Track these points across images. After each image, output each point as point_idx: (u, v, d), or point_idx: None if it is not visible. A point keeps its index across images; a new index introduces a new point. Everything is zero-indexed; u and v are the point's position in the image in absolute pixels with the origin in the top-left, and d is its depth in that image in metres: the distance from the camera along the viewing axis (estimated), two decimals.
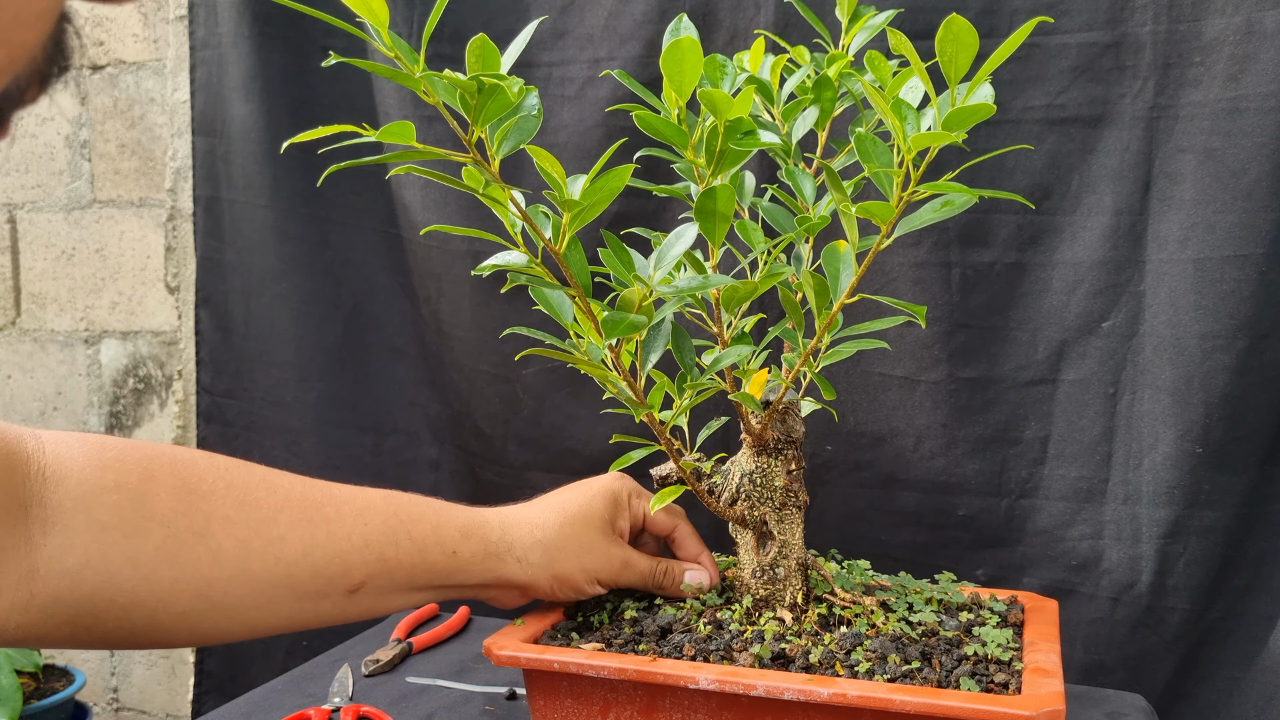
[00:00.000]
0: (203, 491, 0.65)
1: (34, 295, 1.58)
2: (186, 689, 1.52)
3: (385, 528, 0.70)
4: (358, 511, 0.70)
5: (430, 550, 0.72)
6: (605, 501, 0.78)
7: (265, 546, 0.66)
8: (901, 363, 1.03)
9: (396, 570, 0.71)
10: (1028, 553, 1.02)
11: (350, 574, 0.69)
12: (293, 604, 0.67)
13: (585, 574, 0.76)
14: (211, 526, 0.64)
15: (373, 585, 0.70)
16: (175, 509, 0.63)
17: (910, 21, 0.94)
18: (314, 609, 0.69)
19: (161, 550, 0.62)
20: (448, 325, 1.20)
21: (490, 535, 0.74)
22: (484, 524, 0.75)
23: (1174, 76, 0.93)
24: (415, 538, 0.71)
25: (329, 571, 0.68)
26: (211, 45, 1.29)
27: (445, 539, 0.72)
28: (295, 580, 0.67)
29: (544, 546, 0.75)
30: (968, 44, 0.56)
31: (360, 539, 0.69)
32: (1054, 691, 0.62)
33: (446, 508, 0.74)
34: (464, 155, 0.60)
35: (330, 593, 0.69)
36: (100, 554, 0.60)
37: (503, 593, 0.76)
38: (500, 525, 0.75)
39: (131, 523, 0.61)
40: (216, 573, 0.64)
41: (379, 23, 0.55)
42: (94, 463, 0.62)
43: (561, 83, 1.11)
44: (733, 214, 0.65)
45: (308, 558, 0.67)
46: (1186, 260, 0.93)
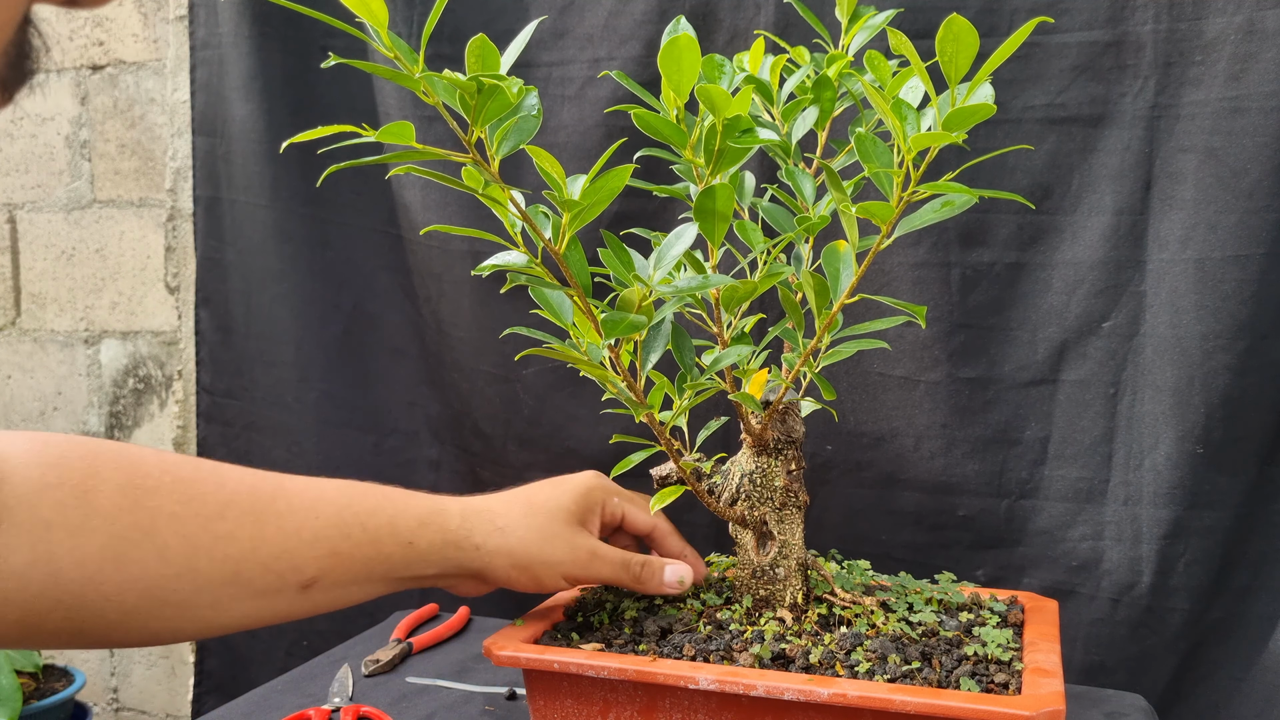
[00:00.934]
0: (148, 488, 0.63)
1: (34, 295, 1.58)
2: (186, 689, 1.52)
3: (338, 520, 0.69)
4: (309, 504, 0.68)
5: (385, 542, 0.70)
6: (574, 496, 0.77)
7: (213, 543, 0.64)
8: (901, 363, 1.03)
9: (351, 564, 0.69)
10: (1028, 553, 1.02)
11: (302, 570, 0.67)
12: (245, 601, 0.66)
13: (545, 566, 0.74)
14: (157, 523, 0.63)
15: (326, 580, 0.68)
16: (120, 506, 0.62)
17: (910, 21, 0.94)
18: (268, 605, 0.67)
19: (106, 548, 0.61)
20: (448, 325, 1.20)
21: (449, 524, 0.73)
22: (442, 512, 0.73)
23: (1175, 76, 0.93)
24: (369, 529, 0.70)
25: (279, 567, 0.66)
26: (211, 45, 1.29)
27: (401, 530, 0.71)
28: (245, 577, 0.65)
29: (503, 534, 0.73)
30: (968, 44, 0.56)
31: (311, 533, 0.68)
32: (1054, 691, 0.62)
33: (404, 497, 0.73)
34: (464, 155, 0.60)
35: (283, 589, 0.67)
36: (46, 553, 0.59)
37: (460, 581, 0.75)
38: (460, 513, 0.74)
39: (76, 520, 0.60)
40: (163, 570, 0.62)
41: (378, 23, 0.55)
42: (37, 460, 0.60)
43: (561, 83, 1.11)
44: (732, 213, 0.65)
45: (256, 554, 0.65)
46: (1187, 260, 0.93)
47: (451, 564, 0.72)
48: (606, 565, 0.75)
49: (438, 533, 0.72)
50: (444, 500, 0.74)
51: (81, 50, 1.51)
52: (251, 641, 1.36)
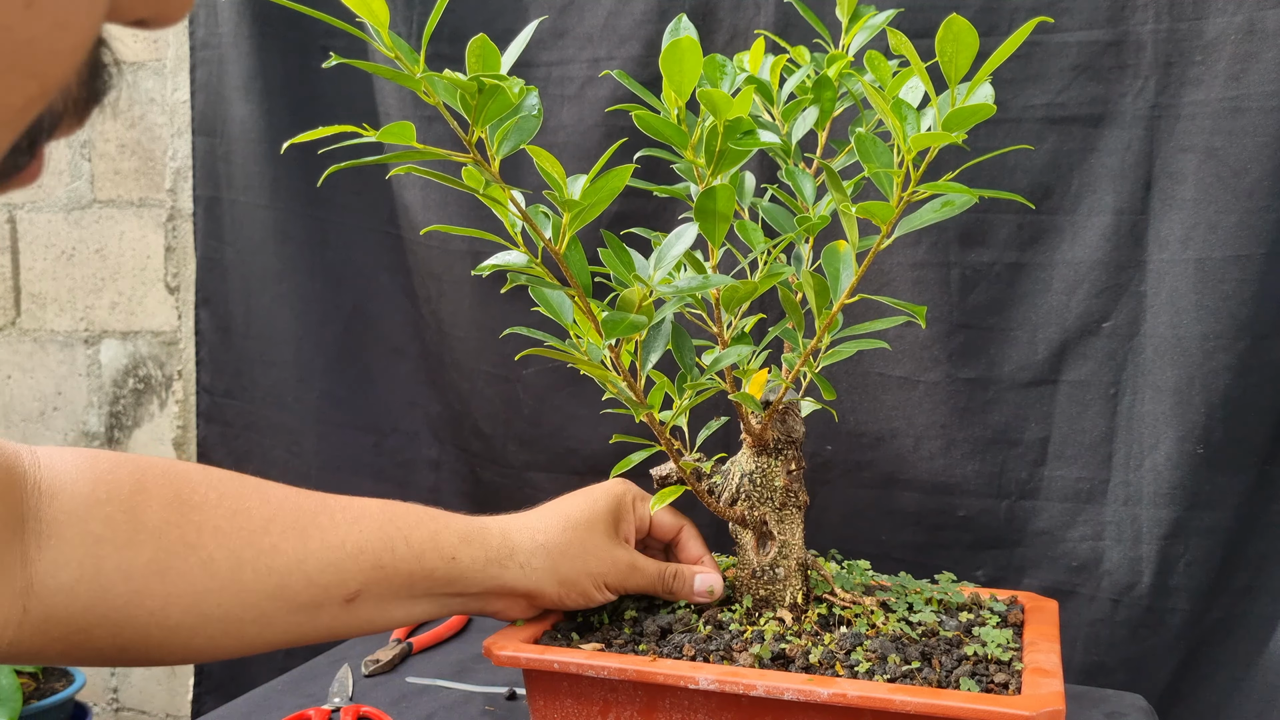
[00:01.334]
0: (194, 502, 0.64)
1: (34, 295, 1.58)
2: (186, 689, 1.52)
3: (381, 534, 0.69)
4: (352, 519, 0.69)
5: (428, 556, 0.70)
6: (609, 506, 0.77)
7: (257, 556, 0.65)
8: (901, 363, 1.03)
9: (394, 577, 0.69)
10: (1028, 554, 1.02)
11: (346, 582, 0.67)
12: (288, 616, 0.66)
13: (591, 578, 0.74)
14: (203, 537, 0.63)
15: (370, 594, 0.69)
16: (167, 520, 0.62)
17: (910, 20, 0.94)
18: (311, 621, 0.67)
19: (154, 562, 0.61)
20: (448, 325, 1.20)
21: (490, 541, 0.73)
22: (484, 529, 0.73)
23: (1175, 75, 0.93)
24: (412, 543, 0.70)
25: (323, 580, 0.67)
26: (211, 45, 1.29)
27: (444, 545, 0.71)
28: (289, 590, 0.65)
29: (547, 551, 0.73)
30: (968, 44, 0.56)
31: (355, 546, 0.68)
32: (1054, 691, 0.62)
33: (444, 515, 0.73)
34: (464, 155, 0.60)
35: (326, 603, 0.67)
36: (94, 568, 0.59)
37: (509, 603, 0.75)
38: (501, 531, 0.74)
39: (124, 535, 0.61)
40: (209, 584, 0.63)
41: (379, 23, 0.55)
42: (87, 475, 0.61)
43: (561, 82, 1.11)
44: (732, 214, 0.65)
45: (301, 567, 0.66)
46: (1188, 260, 0.93)
47: (495, 582, 0.72)
48: (644, 577, 0.76)
49: (480, 549, 0.72)
50: (485, 519, 0.75)
51: None
52: None
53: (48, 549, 0.59)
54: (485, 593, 0.73)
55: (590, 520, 0.75)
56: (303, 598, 0.66)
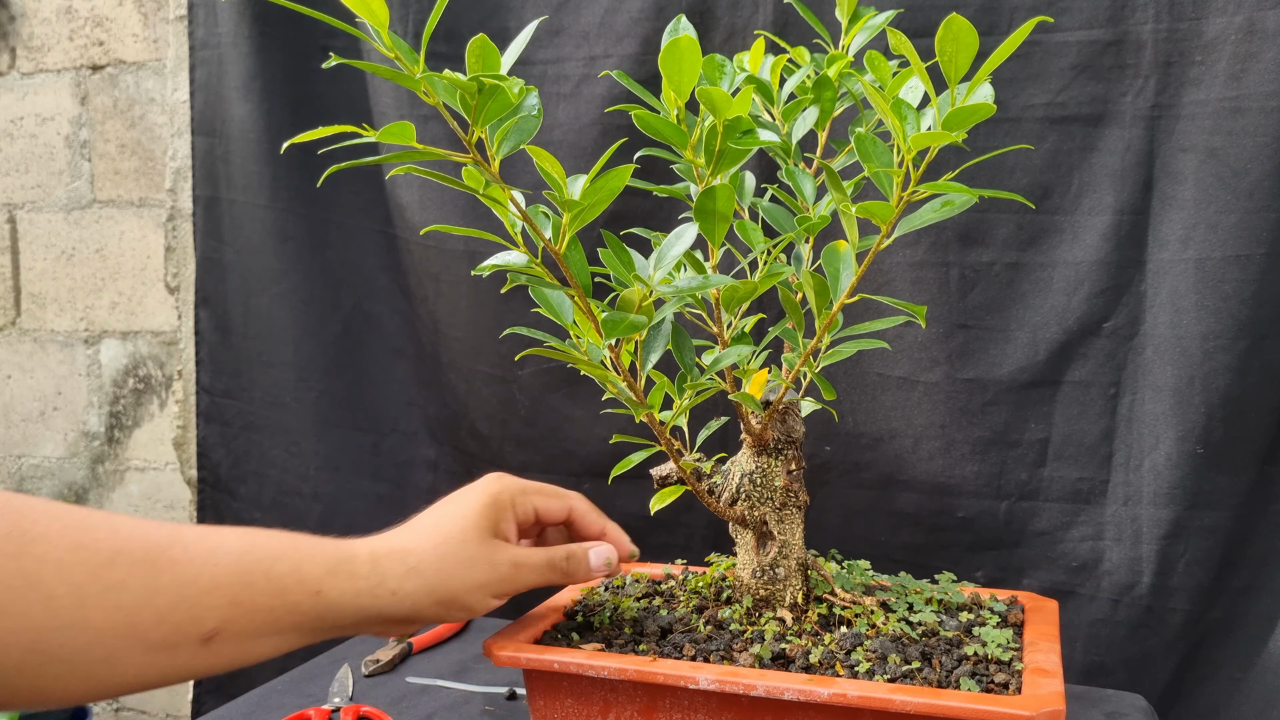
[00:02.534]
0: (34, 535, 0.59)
1: (34, 295, 1.58)
2: (186, 689, 1.52)
3: (238, 568, 0.64)
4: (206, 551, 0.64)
5: (292, 591, 0.66)
6: (481, 509, 0.72)
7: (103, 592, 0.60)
8: (900, 363, 1.03)
9: (255, 614, 0.65)
10: (1027, 554, 1.02)
11: (201, 620, 0.63)
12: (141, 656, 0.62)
13: (472, 591, 0.70)
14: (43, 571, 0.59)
15: (229, 631, 0.64)
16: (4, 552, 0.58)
17: (909, 20, 0.94)
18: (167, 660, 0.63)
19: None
20: (445, 325, 1.20)
21: (359, 570, 0.68)
22: (352, 559, 0.68)
23: (1175, 75, 0.93)
24: (273, 577, 0.65)
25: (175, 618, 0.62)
26: (211, 45, 1.29)
27: (308, 578, 0.66)
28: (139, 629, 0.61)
29: (419, 574, 0.69)
30: (967, 43, 0.56)
31: (209, 581, 0.63)
32: (1054, 691, 0.61)
33: (310, 543, 0.69)
34: (464, 155, 0.60)
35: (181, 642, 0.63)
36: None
37: (385, 627, 0.71)
38: (370, 558, 0.69)
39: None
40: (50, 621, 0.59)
41: (379, 23, 0.55)
42: None
43: (557, 80, 1.11)
44: (732, 214, 0.65)
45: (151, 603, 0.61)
46: (1188, 260, 0.93)
47: (368, 613, 0.68)
48: (532, 571, 0.72)
49: (347, 580, 0.68)
50: (353, 545, 0.70)
51: (81, 50, 1.51)
52: None
53: None
54: (358, 623, 0.69)
55: (463, 530, 0.71)
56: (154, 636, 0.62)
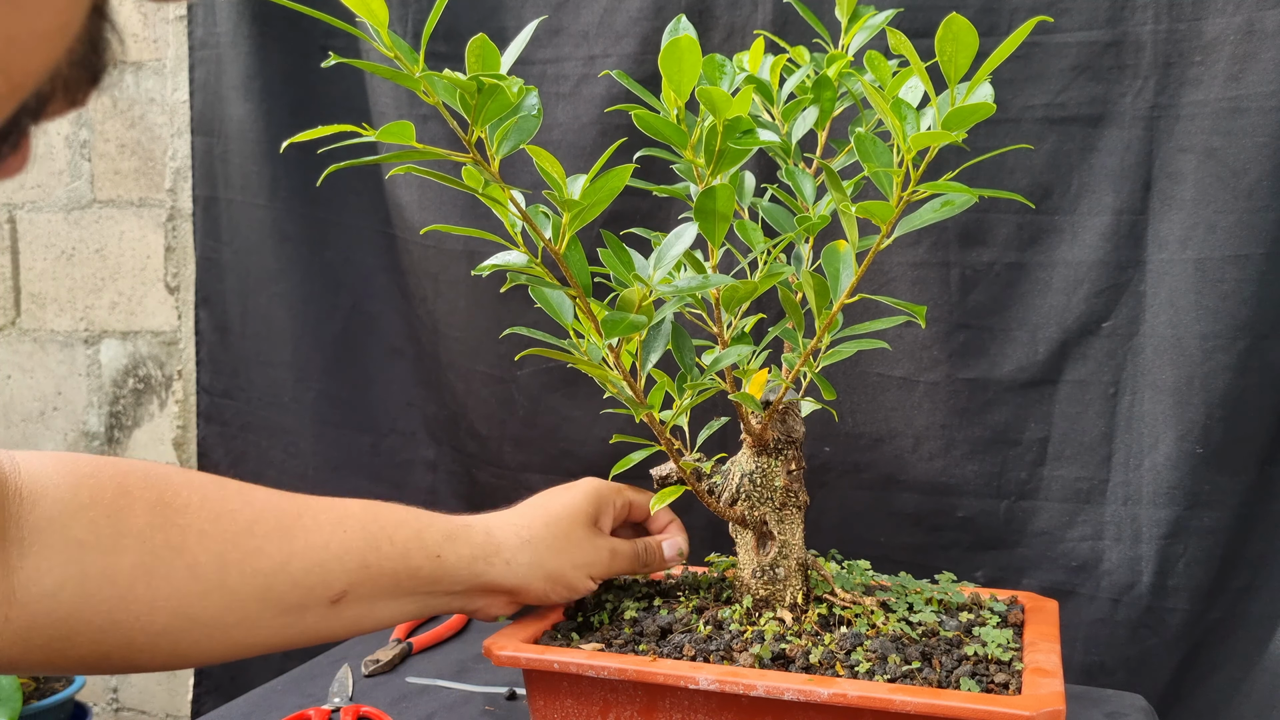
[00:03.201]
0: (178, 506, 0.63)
1: (34, 295, 1.58)
2: (186, 689, 1.52)
3: (365, 534, 0.69)
4: (335, 519, 0.69)
5: (414, 555, 0.70)
6: (587, 499, 0.79)
7: (242, 559, 0.64)
8: (900, 363, 1.03)
9: (379, 577, 0.69)
10: (1027, 554, 1.02)
11: (331, 583, 0.67)
12: (275, 618, 0.66)
13: (576, 569, 0.76)
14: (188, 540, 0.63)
15: (356, 594, 0.68)
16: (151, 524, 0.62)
17: (909, 20, 0.94)
18: (298, 623, 0.67)
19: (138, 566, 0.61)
20: (444, 325, 1.20)
21: (475, 538, 0.73)
22: (468, 527, 0.74)
23: (1175, 76, 0.93)
24: (397, 542, 0.70)
25: (309, 581, 0.66)
26: (210, 45, 1.29)
27: (429, 543, 0.71)
28: (275, 592, 0.65)
29: (532, 547, 0.74)
30: (967, 43, 0.56)
31: (340, 546, 0.68)
32: (1054, 691, 0.61)
33: (427, 514, 0.73)
34: (464, 155, 0.60)
35: (312, 604, 0.67)
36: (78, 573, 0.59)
37: (491, 600, 0.75)
38: (485, 529, 0.74)
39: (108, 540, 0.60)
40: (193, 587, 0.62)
41: (378, 23, 0.55)
42: (68, 480, 0.60)
43: (556, 80, 1.10)
44: (732, 214, 0.65)
45: (286, 568, 0.66)
46: (1187, 260, 0.93)
47: (480, 580, 0.73)
48: (624, 559, 0.80)
49: (465, 546, 0.72)
50: (468, 517, 0.75)
51: None
52: None
53: (30, 556, 0.58)
54: (469, 590, 0.73)
55: (572, 514, 0.77)
56: (289, 599, 0.66)
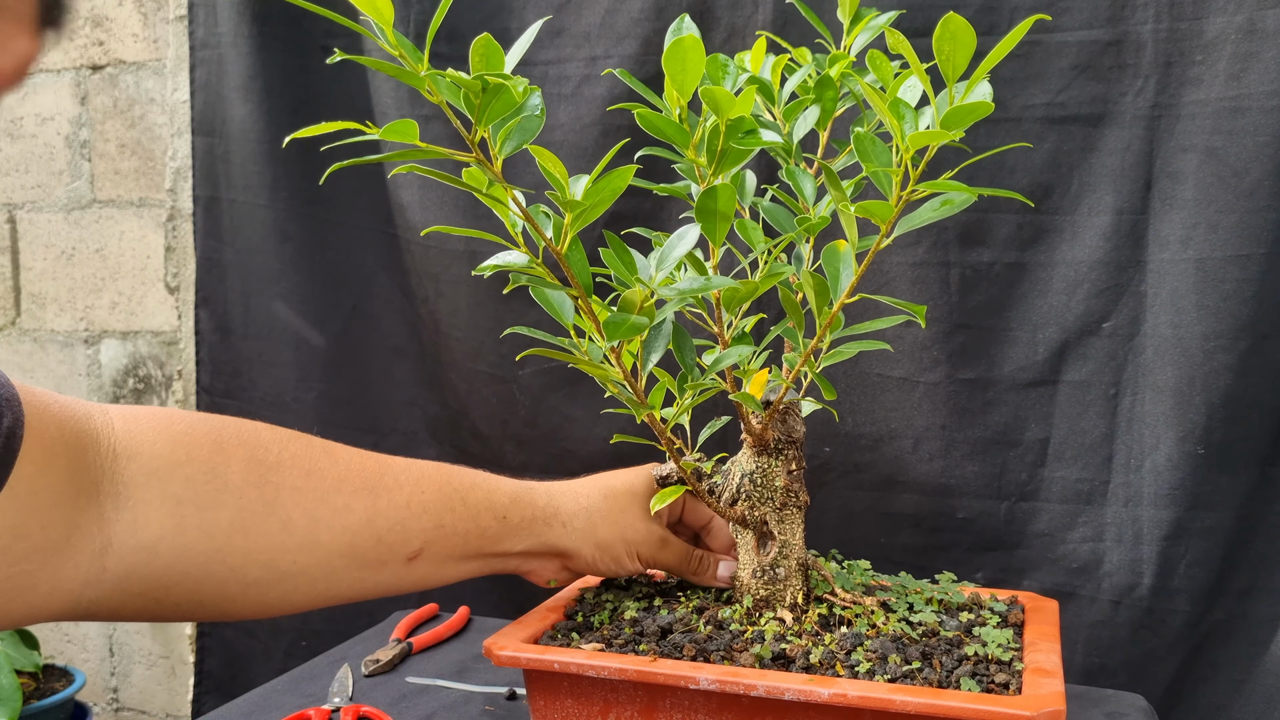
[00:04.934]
0: (270, 463, 0.66)
1: (34, 295, 1.58)
2: (186, 689, 1.52)
3: (440, 495, 0.73)
4: (414, 480, 0.73)
5: (483, 516, 0.74)
6: (647, 483, 0.81)
7: (332, 515, 0.67)
8: (900, 364, 1.03)
9: (453, 536, 0.73)
10: (1028, 555, 1.02)
11: (410, 541, 0.71)
12: (355, 572, 0.69)
13: (626, 544, 0.79)
14: (281, 497, 0.66)
15: (430, 552, 0.72)
16: (246, 480, 0.64)
17: (910, 20, 0.94)
18: (374, 577, 0.70)
19: (235, 522, 0.63)
20: (445, 325, 1.20)
21: (537, 500, 0.77)
22: (531, 489, 0.78)
23: (1175, 75, 0.93)
24: (469, 504, 0.74)
25: (390, 538, 0.70)
26: (211, 45, 1.29)
27: (497, 504, 0.75)
28: (359, 548, 0.69)
29: (588, 513, 0.78)
30: (965, 42, 0.56)
31: (419, 506, 0.72)
32: (1054, 691, 0.61)
33: (495, 478, 0.77)
34: (467, 155, 0.60)
35: (390, 560, 0.70)
36: (175, 527, 0.61)
37: (545, 562, 0.79)
38: (547, 493, 0.78)
39: (206, 495, 0.63)
40: (286, 541, 0.66)
41: (384, 20, 0.55)
42: (165, 437, 0.63)
43: (558, 81, 1.11)
44: (733, 213, 0.65)
45: (371, 525, 0.69)
46: (1188, 260, 0.93)
47: (538, 540, 0.77)
48: (673, 553, 0.80)
49: (528, 508, 0.76)
50: (532, 482, 0.79)
51: (81, 50, 1.51)
52: (251, 642, 1.36)
53: (126, 509, 0.60)
54: (528, 551, 0.77)
55: (630, 492, 0.80)
56: (371, 555, 0.69)
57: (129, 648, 1.59)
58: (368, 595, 0.72)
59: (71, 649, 1.63)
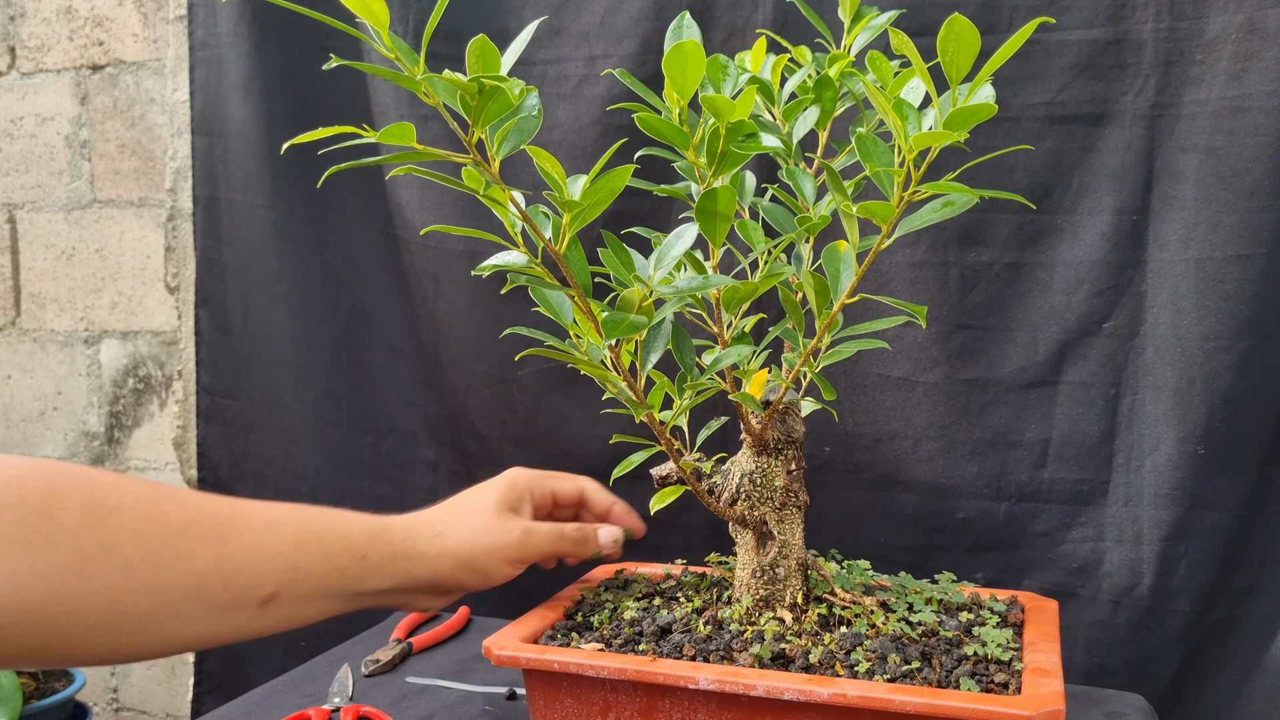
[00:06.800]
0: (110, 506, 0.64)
1: (34, 295, 1.58)
2: (186, 689, 1.52)
3: (294, 538, 0.72)
4: (266, 523, 0.71)
5: (340, 557, 0.73)
6: (500, 490, 0.81)
7: (175, 559, 0.66)
8: (899, 364, 1.03)
9: (308, 579, 0.72)
10: (1028, 556, 1.02)
11: (261, 585, 0.69)
12: (206, 616, 0.67)
13: (485, 554, 0.78)
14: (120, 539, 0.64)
15: (285, 595, 0.71)
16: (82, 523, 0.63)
17: (909, 19, 0.94)
18: (229, 621, 0.69)
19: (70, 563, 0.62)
20: (444, 325, 1.20)
21: (395, 537, 0.76)
22: (389, 527, 0.77)
23: (1176, 75, 0.93)
24: (325, 545, 0.73)
25: (240, 583, 0.68)
26: (211, 45, 1.29)
27: (354, 545, 0.74)
28: (207, 592, 0.67)
29: (444, 539, 0.77)
30: (969, 44, 0.56)
31: (270, 550, 0.70)
32: (1054, 691, 0.61)
33: (354, 516, 0.76)
34: (464, 156, 0.60)
35: (243, 604, 0.69)
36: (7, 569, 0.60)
37: (415, 596, 0.78)
38: (405, 527, 0.77)
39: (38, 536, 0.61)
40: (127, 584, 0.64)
41: (379, 24, 0.55)
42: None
43: (557, 80, 1.10)
44: (733, 214, 0.64)
45: (219, 570, 0.67)
46: (1188, 260, 0.93)
47: (402, 575, 0.76)
48: (542, 539, 0.80)
49: (386, 545, 0.75)
50: (390, 518, 0.78)
51: (81, 50, 1.51)
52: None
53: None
54: (394, 588, 0.76)
55: (483, 506, 0.80)
56: (220, 599, 0.68)
57: None
58: (227, 639, 0.70)
59: None
